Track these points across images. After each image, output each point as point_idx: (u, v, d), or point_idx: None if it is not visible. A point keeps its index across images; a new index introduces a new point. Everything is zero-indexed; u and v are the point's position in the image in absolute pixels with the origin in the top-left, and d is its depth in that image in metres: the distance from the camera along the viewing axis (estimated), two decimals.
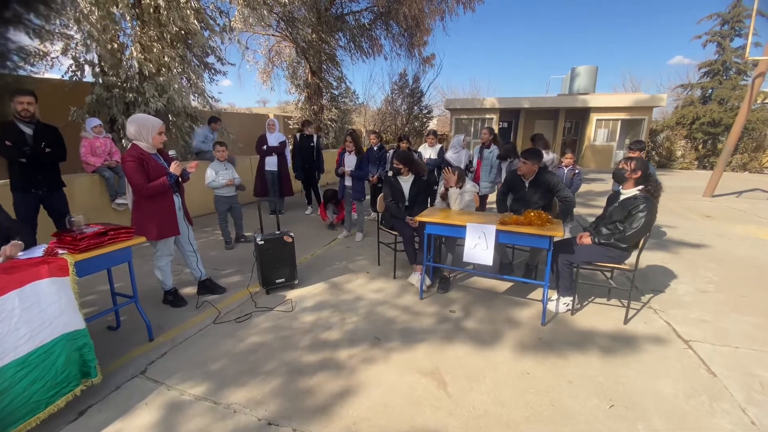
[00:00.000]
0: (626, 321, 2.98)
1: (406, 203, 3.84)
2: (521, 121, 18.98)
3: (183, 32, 6.33)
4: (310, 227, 5.69)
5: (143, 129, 2.81)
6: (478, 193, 3.88)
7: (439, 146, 5.87)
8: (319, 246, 4.81)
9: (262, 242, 3.29)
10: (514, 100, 17.57)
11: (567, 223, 4.94)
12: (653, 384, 2.26)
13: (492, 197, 6.63)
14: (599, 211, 3.40)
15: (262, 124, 8.78)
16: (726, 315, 3.13)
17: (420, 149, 5.98)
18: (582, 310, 3.15)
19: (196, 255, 3.26)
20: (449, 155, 5.61)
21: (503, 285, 3.61)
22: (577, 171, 4.75)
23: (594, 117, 17.01)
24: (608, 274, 3.35)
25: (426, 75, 19.22)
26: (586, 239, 2.99)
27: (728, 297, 3.47)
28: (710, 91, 17.76)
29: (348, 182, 4.93)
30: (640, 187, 2.90)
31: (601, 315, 3.10)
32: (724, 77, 17.43)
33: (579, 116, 17.92)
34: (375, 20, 11.88)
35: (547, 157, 5.03)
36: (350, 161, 4.87)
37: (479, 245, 2.93)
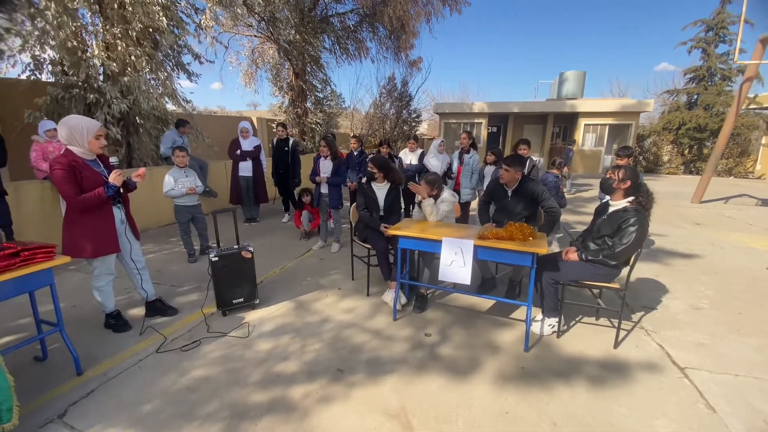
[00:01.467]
0: (617, 344, 2.71)
1: (381, 212, 3.54)
2: (510, 126, 18.92)
3: (150, 30, 5.98)
4: (284, 236, 5.36)
5: (76, 132, 2.47)
6: (458, 202, 3.60)
7: (419, 151, 5.61)
8: (290, 258, 4.48)
9: (217, 258, 2.96)
10: (503, 104, 17.48)
11: (554, 232, 4.70)
12: (648, 424, 1.99)
13: (475, 204, 6.40)
14: (588, 219, 3.15)
15: (221, 124, 8.45)
16: (723, 336, 2.88)
17: (401, 154, 5.71)
18: (569, 332, 2.88)
19: (141, 274, 2.91)
20: (427, 159, 5.34)
21: (485, 302, 3.33)
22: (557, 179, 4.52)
23: (582, 122, 17.00)
24: (596, 292, 3.09)
25: (414, 78, 19.00)
26: (573, 255, 2.72)
27: (724, 314, 3.24)
28: (696, 96, 17.89)
29: (324, 189, 4.62)
30: (630, 198, 2.65)
31: (589, 337, 2.83)
32: (709, 83, 17.59)
33: (567, 121, 17.90)
34: (361, 22, 11.63)
35: (535, 159, 4.80)
36: (326, 167, 4.56)
37: (456, 262, 2.65)
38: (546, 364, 2.50)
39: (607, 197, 2.82)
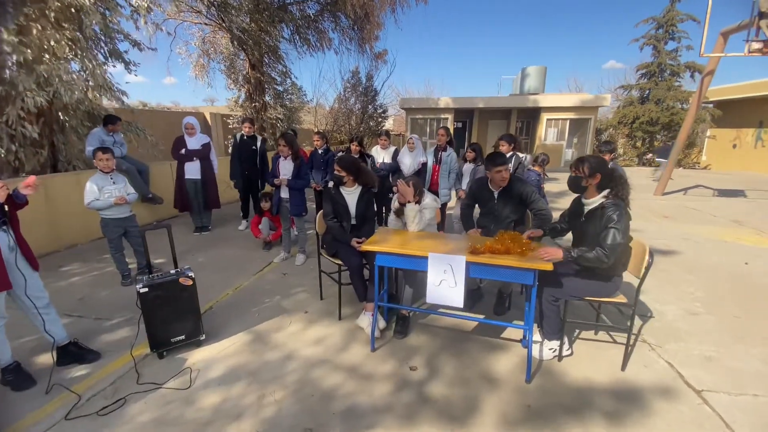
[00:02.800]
0: (624, 366, 2.41)
1: (353, 221, 3.05)
2: (475, 121, 18.94)
3: (73, 10, 5.08)
4: (241, 248, 4.73)
5: None
6: (440, 208, 3.19)
7: (392, 148, 5.15)
8: (247, 275, 3.88)
9: (146, 289, 2.35)
10: (468, 99, 17.42)
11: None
12: None
13: (453, 204, 6.04)
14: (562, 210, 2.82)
15: (171, 121, 7.57)
16: (729, 347, 2.66)
17: (372, 152, 5.23)
18: (569, 353, 2.55)
19: (43, 315, 2.25)
20: (401, 157, 4.91)
21: (471, 323, 2.94)
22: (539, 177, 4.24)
23: (544, 116, 17.28)
24: (596, 305, 2.78)
25: (379, 72, 18.51)
26: (554, 252, 2.23)
27: (722, 320, 3.05)
28: (648, 92, 18.71)
29: (284, 193, 4.05)
30: (605, 192, 2.29)
31: (592, 358, 2.51)
32: (660, 79, 18.44)
33: (530, 116, 18.15)
34: (322, 11, 10.96)
35: (521, 156, 4.49)
36: (286, 168, 3.99)
37: (445, 282, 2.22)
38: (553, 398, 2.13)
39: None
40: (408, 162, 4.86)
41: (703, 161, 19.13)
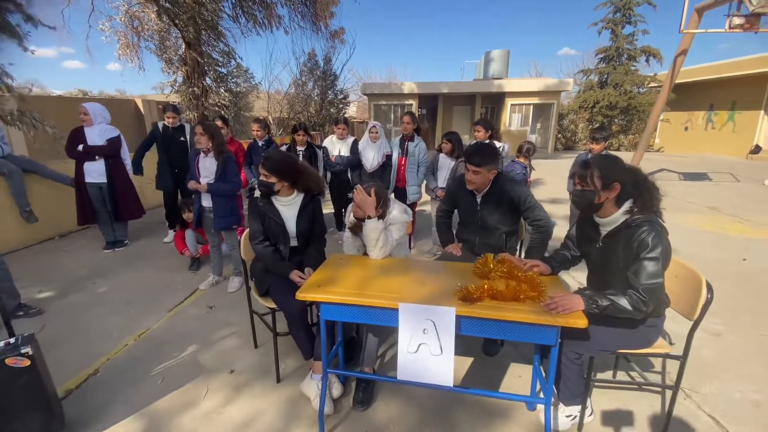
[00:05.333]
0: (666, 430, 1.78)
1: (292, 243, 2.21)
2: (440, 107, 18.33)
3: None
4: (160, 269, 3.73)
5: None
6: (413, 221, 2.42)
7: (351, 139, 4.30)
8: (161, 311, 2.94)
9: None
10: (432, 84, 16.74)
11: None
12: None
13: (425, 206, 5.31)
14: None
15: (118, 111, 6.25)
16: None
17: (326, 143, 4.35)
18: (591, 419, 1.89)
19: None
20: (362, 149, 4.09)
21: (458, 370, 2.22)
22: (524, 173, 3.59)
23: (509, 102, 16.96)
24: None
25: (338, 55, 17.33)
26: (573, 304, 1.62)
27: (747, 341, 2.55)
28: (606, 76, 18.88)
29: (207, 201, 3.11)
30: (628, 205, 1.59)
31: (620, 420, 1.87)
32: (618, 63, 18.63)
33: (494, 101, 17.79)
34: None
35: (498, 145, 3.79)
36: (207, 167, 3.05)
37: (426, 347, 1.46)
38: None
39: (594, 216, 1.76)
40: (371, 155, 4.04)
41: (656, 144, 19.74)
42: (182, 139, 4.34)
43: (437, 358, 1.44)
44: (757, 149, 14.14)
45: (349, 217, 2.14)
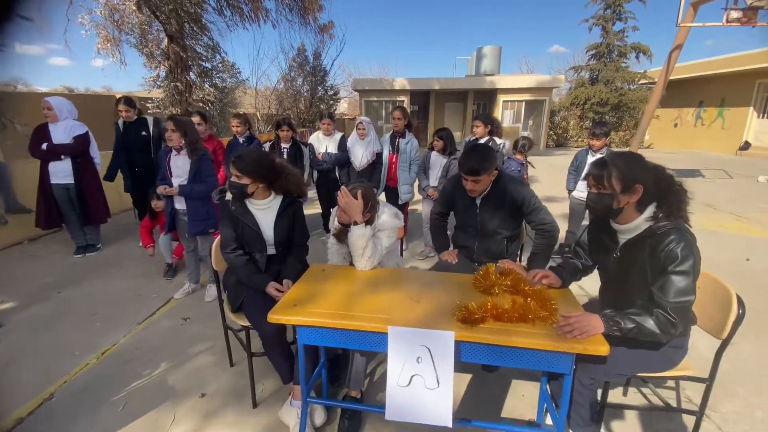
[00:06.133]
0: None
1: (270, 251, 1.98)
2: (432, 104, 18.13)
3: None
4: (134, 276, 3.46)
5: None
6: (405, 227, 2.19)
7: (338, 135, 4.07)
8: (130, 323, 2.69)
9: None
10: (424, 81, 16.51)
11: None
12: None
13: (417, 205, 5.09)
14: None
15: (100, 108, 5.87)
16: None
17: (311, 139, 4.11)
18: None
19: None
20: (351, 146, 3.87)
21: (453, 394, 2.02)
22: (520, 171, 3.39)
23: (501, 98, 16.83)
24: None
25: (328, 50, 16.98)
26: (591, 327, 1.46)
27: (761, 350, 2.39)
28: (597, 73, 18.85)
29: (180, 203, 2.86)
30: (651, 210, 1.38)
31: None
32: (608, 59, 18.59)
33: (486, 98, 17.65)
34: None
35: (498, 142, 3.60)
36: (180, 166, 2.79)
37: (420, 379, 1.24)
38: None
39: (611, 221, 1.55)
40: (359, 153, 3.82)
41: (645, 140, 19.79)
42: (144, 133, 4.06)
43: (433, 392, 1.23)
44: (746, 145, 14.22)
45: (334, 223, 1.91)
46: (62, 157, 3.63)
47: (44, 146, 3.57)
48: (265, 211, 1.94)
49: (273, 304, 1.45)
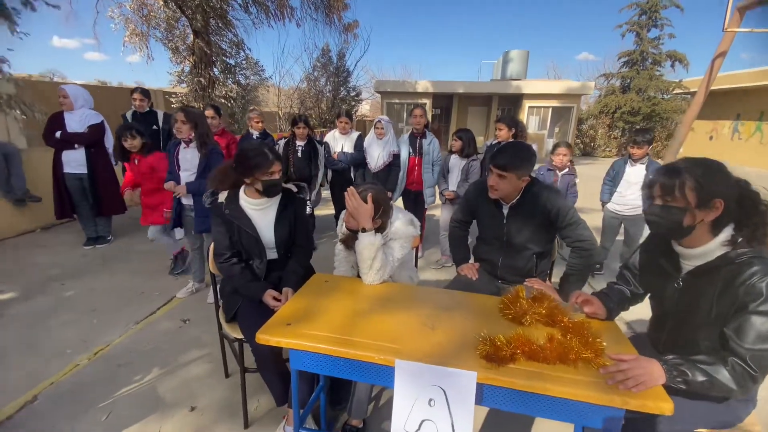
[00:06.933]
0: None
1: (270, 255, 1.80)
2: (454, 108, 17.81)
3: None
4: (139, 272, 3.36)
5: None
6: (421, 235, 1.98)
7: (356, 134, 3.89)
8: (128, 322, 2.57)
9: None
10: (448, 84, 16.25)
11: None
12: None
13: (434, 210, 4.86)
14: None
15: (124, 101, 5.83)
16: None
17: (327, 138, 3.95)
18: None
19: None
20: (368, 146, 3.68)
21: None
22: (571, 176, 3.09)
23: (527, 104, 16.37)
24: None
25: (352, 51, 16.91)
26: (593, 307, 1.29)
27: None
28: (629, 81, 18.13)
29: (187, 199, 2.73)
30: (729, 233, 1.10)
31: None
32: (641, 67, 17.87)
33: (511, 103, 17.21)
34: None
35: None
36: (188, 159, 2.66)
37: (431, 425, 1.03)
38: None
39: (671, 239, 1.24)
40: (376, 153, 3.62)
41: (680, 153, 18.90)
42: (154, 127, 3.99)
43: None
44: None
45: (341, 228, 1.72)
46: (76, 146, 3.59)
47: (58, 134, 3.53)
48: (262, 211, 1.75)
49: (270, 316, 1.27)
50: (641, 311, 1.55)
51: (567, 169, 3.23)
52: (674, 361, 1.01)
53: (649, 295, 1.36)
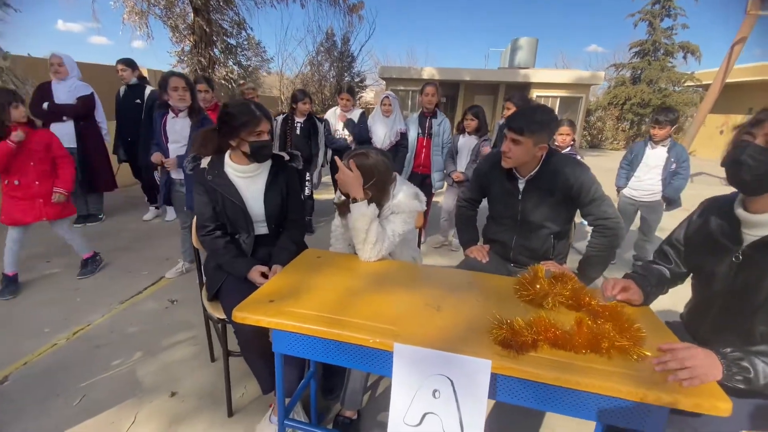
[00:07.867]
0: None
1: (260, 230, 1.63)
2: (460, 96, 17.46)
3: None
4: (127, 251, 3.22)
5: None
6: (425, 217, 1.80)
7: (358, 111, 3.69)
8: (112, 301, 2.42)
9: None
10: (454, 71, 15.90)
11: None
12: None
13: (437, 197, 4.67)
14: None
15: (105, 77, 5.65)
16: None
17: (328, 115, 3.76)
18: None
19: None
20: (372, 124, 3.49)
21: None
22: (575, 156, 2.90)
23: (534, 93, 15.98)
24: None
25: (356, 35, 16.52)
26: (629, 293, 1.12)
27: None
28: (640, 71, 17.69)
29: (176, 173, 2.56)
30: None
31: None
32: (653, 58, 17.41)
33: (519, 92, 16.83)
34: None
35: None
36: (178, 130, 2.49)
37: (435, 419, 0.87)
38: None
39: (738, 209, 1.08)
40: (381, 132, 3.41)
41: (692, 146, 18.53)
42: (138, 101, 3.79)
43: None
44: None
45: (337, 195, 1.55)
46: (64, 118, 3.41)
47: (45, 105, 3.35)
48: (250, 179, 1.57)
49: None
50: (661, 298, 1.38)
51: (569, 149, 3.04)
52: (733, 355, 0.84)
53: (691, 274, 1.19)
